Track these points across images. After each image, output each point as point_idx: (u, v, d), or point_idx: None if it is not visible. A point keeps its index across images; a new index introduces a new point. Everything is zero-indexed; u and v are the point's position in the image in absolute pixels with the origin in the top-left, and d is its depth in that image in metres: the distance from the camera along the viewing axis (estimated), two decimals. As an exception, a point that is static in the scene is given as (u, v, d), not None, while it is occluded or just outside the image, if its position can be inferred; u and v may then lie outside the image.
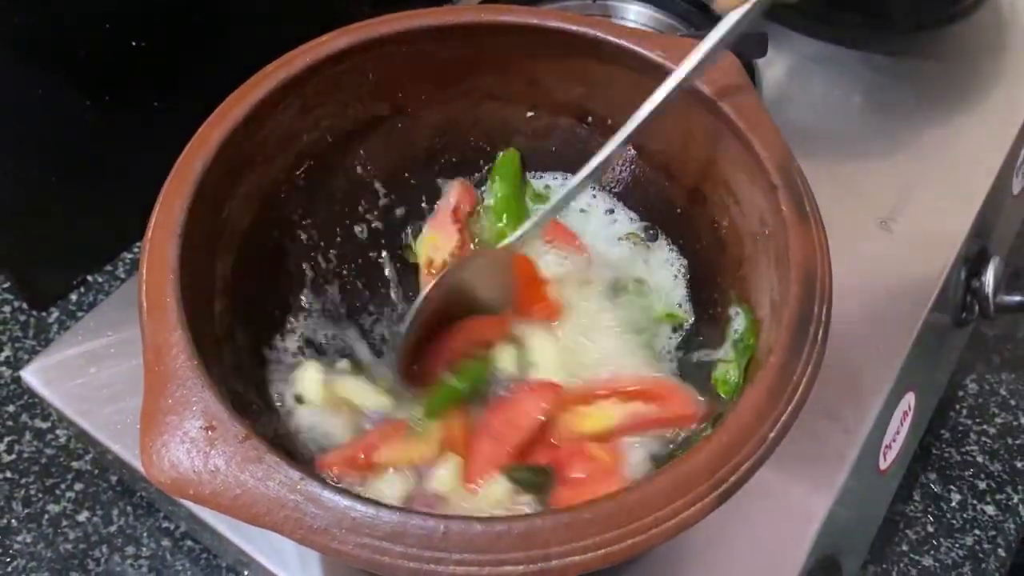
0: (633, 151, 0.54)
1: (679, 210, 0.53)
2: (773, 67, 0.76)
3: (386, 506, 0.33)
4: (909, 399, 0.60)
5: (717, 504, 0.35)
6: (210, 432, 0.35)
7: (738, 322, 0.47)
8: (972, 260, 0.67)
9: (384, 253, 0.55)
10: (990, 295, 0.67)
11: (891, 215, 0.65)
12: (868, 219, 0.65)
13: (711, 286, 0.51)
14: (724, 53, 0.49)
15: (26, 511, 0.61)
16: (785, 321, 0.39)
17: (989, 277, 0.67)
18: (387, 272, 0.54)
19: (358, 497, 0.34)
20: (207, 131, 0.44)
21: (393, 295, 0.54)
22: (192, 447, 0.35)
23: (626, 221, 0.55)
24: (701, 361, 0.49)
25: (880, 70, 0.77)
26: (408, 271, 0.55)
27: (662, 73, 0.48)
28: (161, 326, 0.38)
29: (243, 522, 0.34)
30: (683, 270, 0.53)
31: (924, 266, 0.62)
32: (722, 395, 0.45)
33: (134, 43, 0.63)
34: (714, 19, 0.73)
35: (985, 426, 0.69)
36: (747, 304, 0.47)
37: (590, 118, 0.54)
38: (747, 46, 0.69)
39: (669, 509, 0.34)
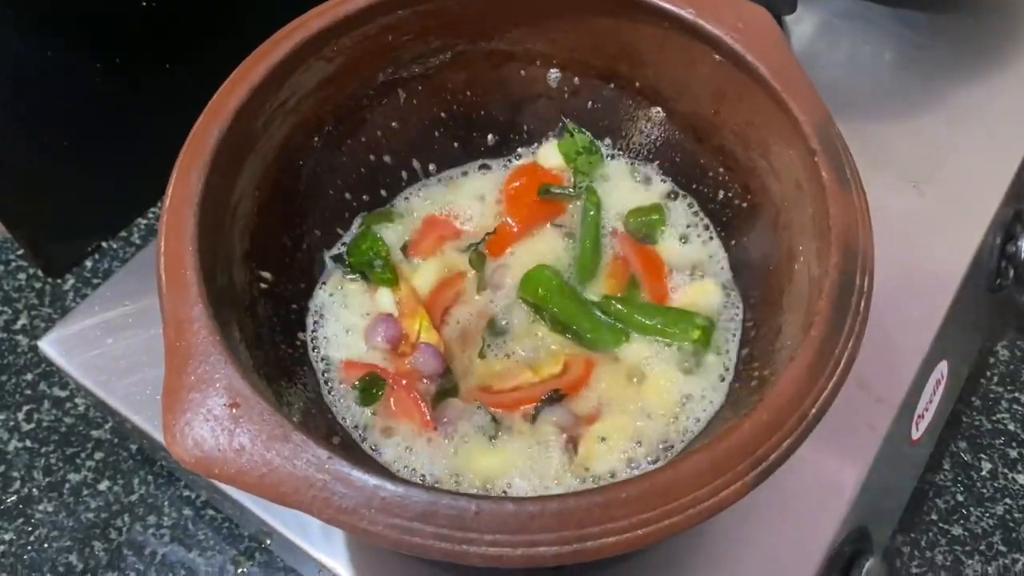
0: (663, 112, 0.52)
1: (709, 174, 0.51)
2: (801, 24, 0.74)
3: (417, 486, 0.33)
4: (942, 368, 0.58)
5: (756, 484, 0.34)
6: (234, 409, 0.34)
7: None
8: (1008, 224, 0.65)
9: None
10: (1026, 260, 0.65)
11: (924, 178, 0.63)
12: (900, 181, 0.63)
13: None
14: (754, 7, 0.46)
15: (47, 480, 0.60)
16: (825, 292, 0.37)
17: (1025, 242, 0.65)
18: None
19: (388, 476, 0.33)
20: (223, 97, 0.42)
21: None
22: (216, 425, 0.34)
23: (657, 184, 0.53)
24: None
25: (912, 26, 0.74)
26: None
27: (693, 32, 0.46)
28: (181, 300, 0.37)
29: (269, 501, 0.33)
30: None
31: (958, 230, 0.61)
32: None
33: (145, 3, 0.61)
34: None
35: (1017, 393, 0.68)
36: None
37: (617, 80, 0.52)
38: (775, 2, 0.67)
39: (707, 489, 0.33)
